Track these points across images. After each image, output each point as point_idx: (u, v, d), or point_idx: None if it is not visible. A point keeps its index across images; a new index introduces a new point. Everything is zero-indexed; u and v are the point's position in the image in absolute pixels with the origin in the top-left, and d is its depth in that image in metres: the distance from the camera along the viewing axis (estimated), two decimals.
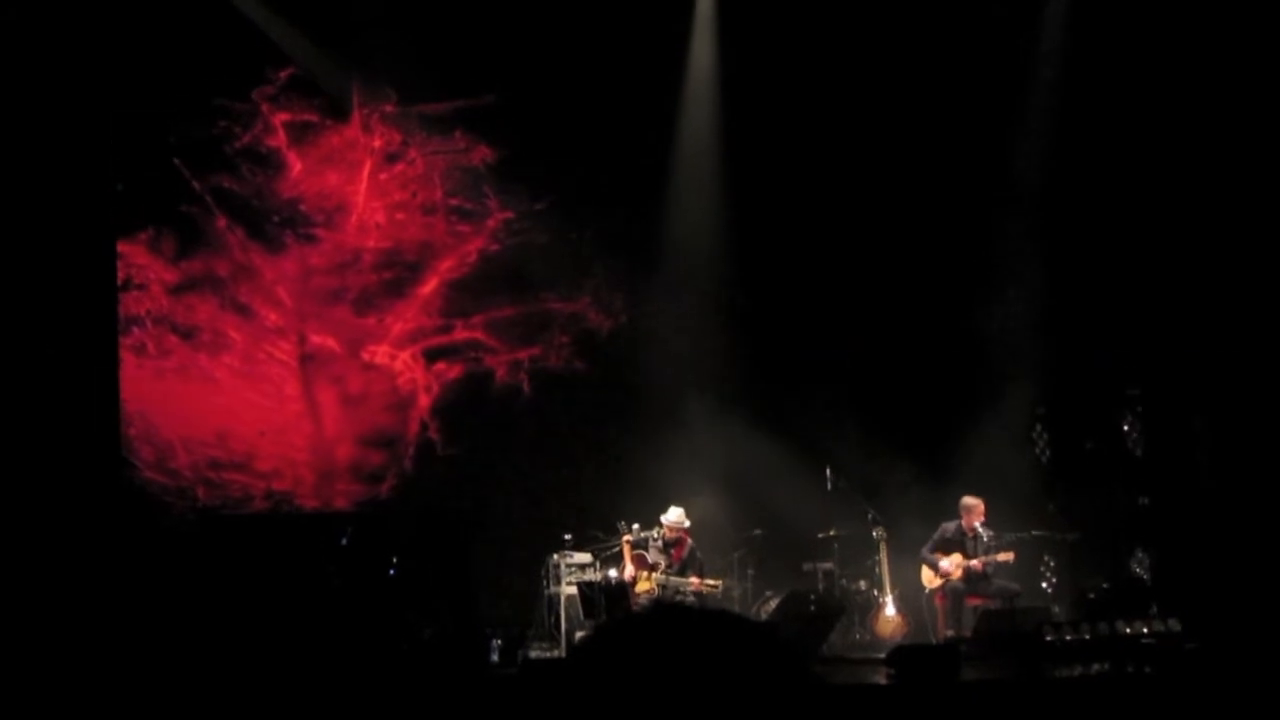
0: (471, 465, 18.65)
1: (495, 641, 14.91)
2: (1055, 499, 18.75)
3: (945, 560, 16.86)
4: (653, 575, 16.73)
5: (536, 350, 19.19)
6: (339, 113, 18.60)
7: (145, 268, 17.91)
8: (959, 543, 16.95)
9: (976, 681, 12.95)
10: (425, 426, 18.84)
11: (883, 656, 13.83)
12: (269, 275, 18.44)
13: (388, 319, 18.86)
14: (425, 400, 18.91)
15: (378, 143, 18.79)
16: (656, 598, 16.37)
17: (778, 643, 2.06)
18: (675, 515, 17.04)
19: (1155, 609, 16.02)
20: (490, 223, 19.03)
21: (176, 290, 18.09)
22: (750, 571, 17.72)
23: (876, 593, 17.59)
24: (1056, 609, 17.03)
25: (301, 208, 18.56)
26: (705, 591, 16.57)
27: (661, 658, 1.99)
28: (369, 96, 18.58)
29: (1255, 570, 16.16)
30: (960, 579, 16.81)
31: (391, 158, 18.89)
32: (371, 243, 18.79)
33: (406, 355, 18.89)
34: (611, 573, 16.72)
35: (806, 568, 17.85)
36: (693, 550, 17.06)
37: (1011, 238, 18.59)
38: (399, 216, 18.92)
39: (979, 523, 16.94)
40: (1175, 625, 14.92)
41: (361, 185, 18.79)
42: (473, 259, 19.05)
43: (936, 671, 12.77)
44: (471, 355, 19.06)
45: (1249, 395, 17.23)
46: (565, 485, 18.63)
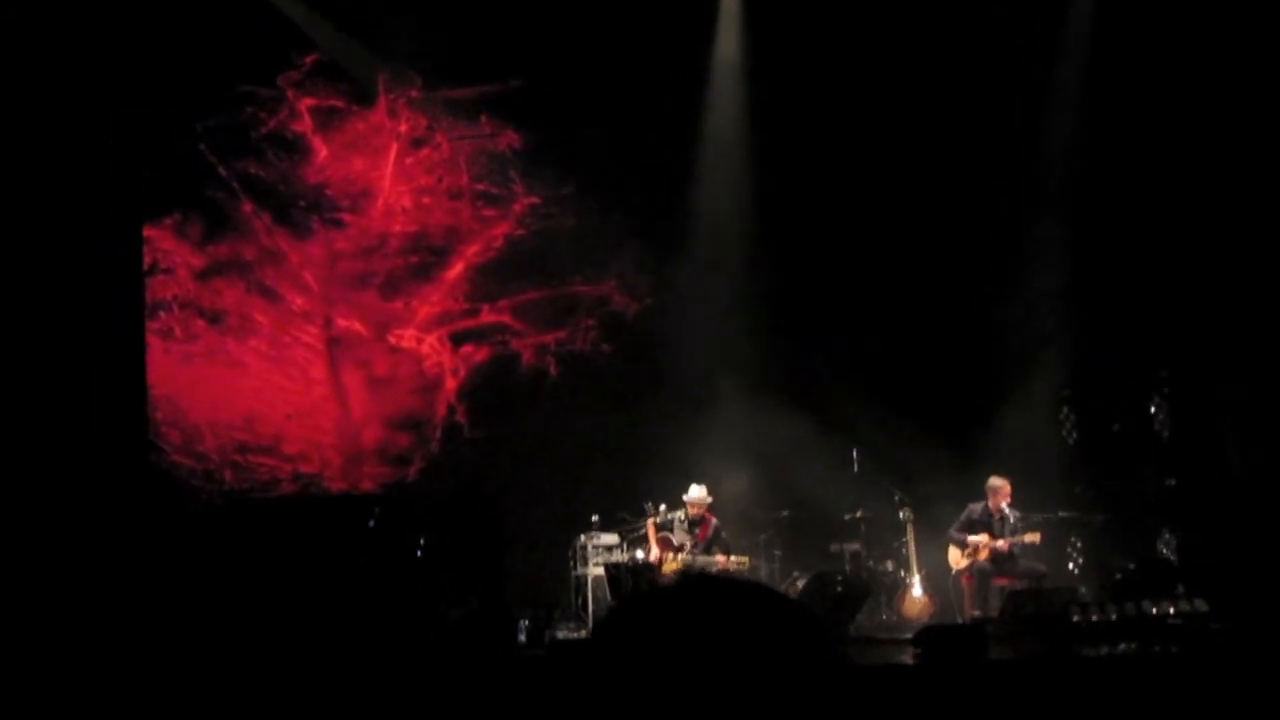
0: (498, 448, 18.70)
1: (523, 622, 14.92)
2: (1082, 480, 18.72)
3: (972, 537, 16.87)
4: (679, 556, 16.75)
5: (563, 333, 19.22)
6: (365, 98, 18.62)
7: (172, 252, 17.97)
8: (985, 523, 16.94)
9: (1003, 662, 12.93)
10: (452, 409, 18.88)
11: (909, 637, 13.80)
12: (295, 259, 18.49)
13: (414, 303, 18.90)
14: (452, 383, 18.96)
15: (403, 127, 18.82)
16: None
17: (807, 617, 2.07)
18: (697, 493, 17.07)
19: (1182, 589, 15.96)
20: (516, 207, 19.05)
21: (203, 275, 18.14)
22: (777, 553, 17.75)
23: (903, 574, 17.59)
24: (1083, 589, 16.98)
25: (327, 192, 18.60)
26: (733, 569, 16.56)
27: (687, 631, 2.00)
28: (394, 81, 18.60)
29: None
30: (987, 559, 16.80)
31: (417, 142, 18.92)
32: (397, 227, 18.83)
33: (433, 338, 18.93)
34: (639, 553, 16.76)
35: (833, 549, 17.87)
36: (717, 529, 17.07)
37: (1040, 219, 18.54)
38: (425, 201, 18.95)
39: (1005, 503, 16.92)
40: (1202, 606, 14.88)
41: (387, 170, 18.82)
42: (499, 243, 19.08)
43: (963, 652, 12.75)
44: (498, 338, 19.09)
45: (1277, 376, 17.17)
46: (592, 467, 18.62)
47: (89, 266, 14.51)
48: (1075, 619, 14.52)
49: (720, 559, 16.66)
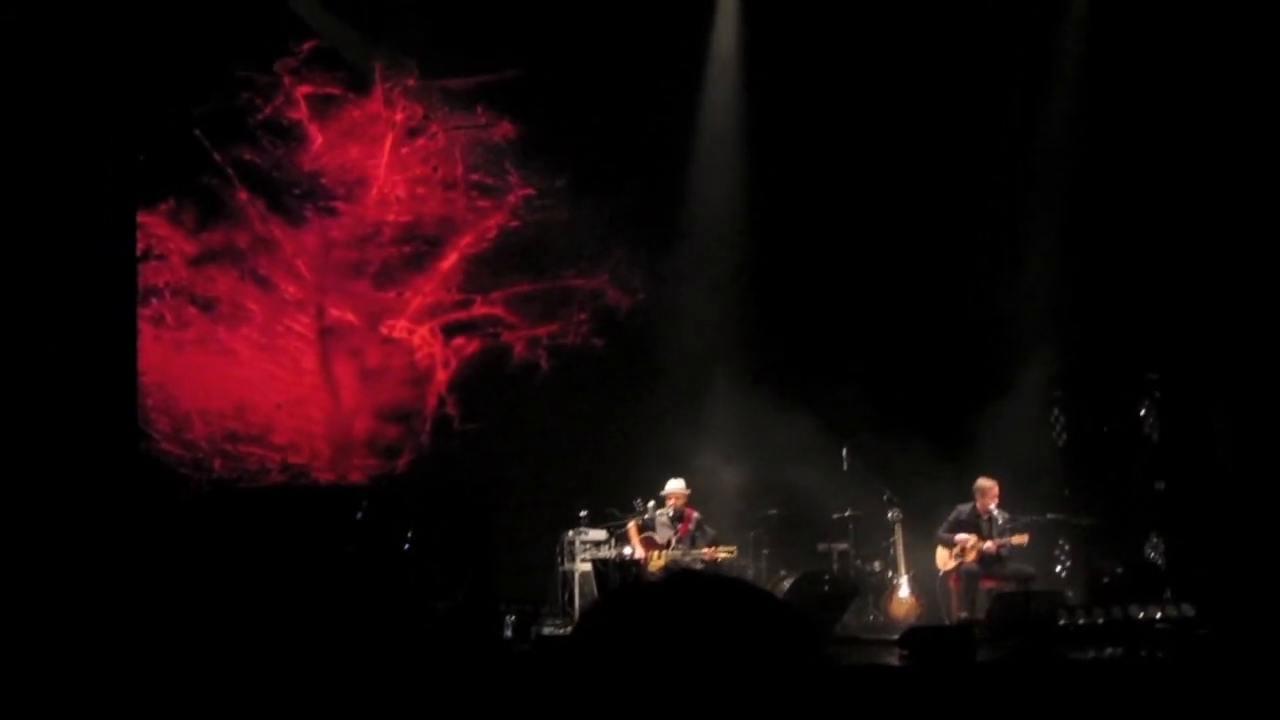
0: (488, 441, 18.66)
1: (509, 618, 14.92)
2: (1071, 483, 18.72)
3: (960, 537, 16.87)
4: (664, 553, 16.73)
5: (555, 327, 19.20)
6: (361, 86, 18.60)
7: (165, 239, 17.95)
8: (974, 525, 16.94)
9: (990, 663, 12.94)
10: (443, 401, 18.87)
11: (896, 638, 13.82)
12: (289, 248, 18.47)
13: (407, 293, 18.88)
14: (443, 375, 18.94)
15: (399, 116, 18.79)
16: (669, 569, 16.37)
17: (793, 615, 2.05)
18: (675, 485, 17.11)
19: (1169, 594, 16.00)
20: (511, 198, 19.04)
21: (196, 262, 18.12)
22: (765, 551, 17.74)
23: (891, 574, 17.59)
24: (1070, 593, 17.01)
25: (322, 181, 18.58)
26: (720, 559, 16.56)
27: (671, 628, 1.98)
28: (391, 70, 18.57)
29: (1269, 557, 16.14)
30: (975, 561, 16.80)
31: (413, 132, 18.90)
32: (392, 217, 18.81)
33: (425, 330, 18.91)
34: (626, 550, 16.75)
35: (821, 548, 17.86)
36: (699, 522, 17.04)
37: (1031, 220, 18.56)
38: (419, 191, 18.93)
39: (994, 505, 16.92)
40: (1189, 610, 14.92)
41: (382, 159, 18.80)
42: (493, 234, 19.06)
43: (950, 653, 12.76)
44: (490, 331, 19.08)
45: (1267, 381, 17.19)
46: (581, 462, 18.60)
47: (81, 252, 14.48)
48: (1062, 622, 14.55)
49: (707, 551, 16.62)
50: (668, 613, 2.00)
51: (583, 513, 17.14)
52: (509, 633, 14.83)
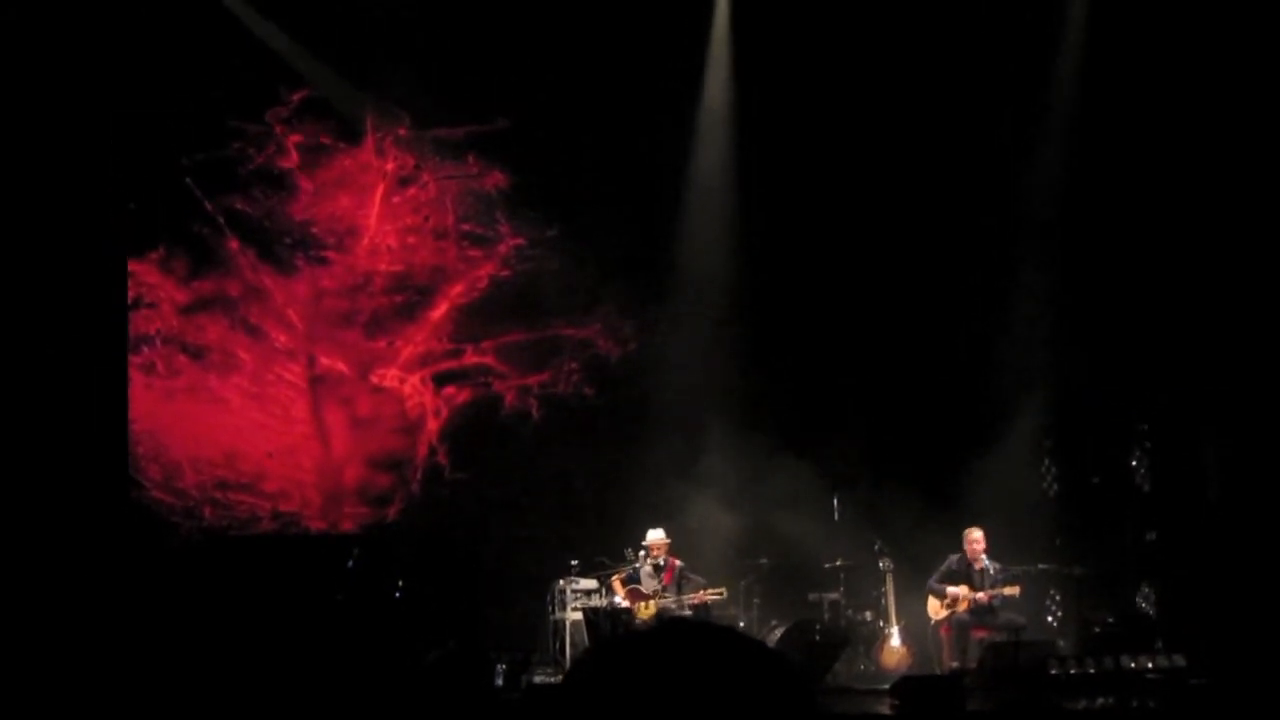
0: (479, 490, 18.64)
1: (500, 666, 14.88)
2: (1062, 532, 18.70)
3: (952, 589, 16.83)
4: (651, 603, 16.68)
5: (546, 376, 19.19)
6: (352, 135, 18.64)
7: (156, 287, 17.95)
8: (965, 575, 16.90)
9: (980, 714, 12.92)
10: (433, 450, 18.85)
11: (887, 688, 13.79)
12: (280, 297, 18.47)
13: (398, 342, 18.88)
14: (434, 424, 18.93)
15: (390, 166, 18.83)
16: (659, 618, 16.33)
17: (784, 665, 2.05)
18: (655, 535, 17.06)
19: (1160, 644, 15.98)
20: (502, 248, 19.06)
21: (187, 310, 18.12)
22: (756, 600, 17.68)
23: (882, 624, 17.55)
24: (1061, 643, 16.97)
25: (313, 230, 18.59)
26: (710, 600, 16.52)
27: (661, 677, 1.98)
28: (382, 120, 18.62)
29: (1261, 607, 16.11)
30: (966, 611, 16.77)
31: (404, 181, 18.93)
32: (383, 266, 18.82)
33: (416, 379, 18.91)
34: (616, 599, 16.71)
35: (812, 598, 17.81)
36: (682, 570, 16.98)
37: (1023, 266, 18.57)
38: (410, 240, 18.95)
39: (983, 554, 16.89)
40: (1180, 661, 14.91)
41: (373, 208, 18.83)
42: (484, 284, 19.07)
43: (941, 703, 12.73)
44: (481, 380, 19.07)
45: (1258, 431, 17.19)
46: (572, 511, 18.57)
47: (73, 300, 14.49)
48: (1053, 672, 14.53)
49: (695, 596, 16.57)
50: (658, 662, 2.00)
51: (574, 562, 17.10)
52: (500, 681, 14.79)
